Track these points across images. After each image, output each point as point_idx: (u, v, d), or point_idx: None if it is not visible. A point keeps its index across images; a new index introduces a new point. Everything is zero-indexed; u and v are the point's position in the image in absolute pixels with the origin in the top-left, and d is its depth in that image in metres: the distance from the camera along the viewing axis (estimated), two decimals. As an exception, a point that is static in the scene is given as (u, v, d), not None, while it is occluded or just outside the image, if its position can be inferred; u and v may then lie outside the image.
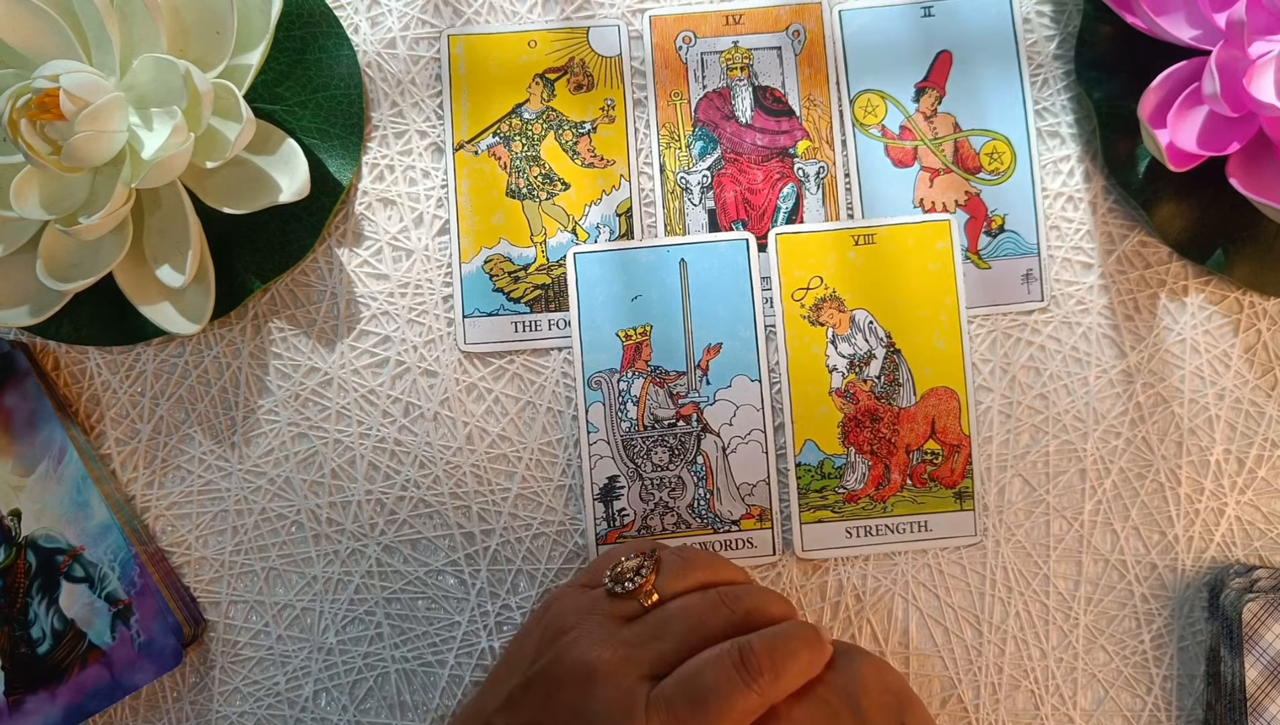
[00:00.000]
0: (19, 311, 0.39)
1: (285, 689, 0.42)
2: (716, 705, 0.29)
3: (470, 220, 0.42)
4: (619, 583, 0.33)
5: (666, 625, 0.31)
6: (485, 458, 0.42)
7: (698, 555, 0.35)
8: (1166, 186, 0.40)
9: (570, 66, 0.43)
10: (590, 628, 0.32)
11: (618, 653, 0.31)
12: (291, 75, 0.41)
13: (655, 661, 0.30)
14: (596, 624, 0.32)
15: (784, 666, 0.30)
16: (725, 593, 0.32)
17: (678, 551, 0.35)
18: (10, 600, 0.41)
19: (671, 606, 0.32)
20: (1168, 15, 0.38)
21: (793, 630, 0.31)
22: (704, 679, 0.29)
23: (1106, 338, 0.42)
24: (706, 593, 0.33)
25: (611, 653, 0.30)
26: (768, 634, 0.31)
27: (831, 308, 0.41)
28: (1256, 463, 0.41)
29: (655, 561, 0.33)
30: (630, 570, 0.33)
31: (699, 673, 0.29)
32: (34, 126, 0.35)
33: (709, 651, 0.30)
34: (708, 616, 0.31)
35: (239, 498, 0.42)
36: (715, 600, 0.32)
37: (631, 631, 0.31)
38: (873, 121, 0.42)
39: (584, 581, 0.36)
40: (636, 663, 0.30)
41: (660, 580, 0.33)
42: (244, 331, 0.43)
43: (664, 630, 0.31)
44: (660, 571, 0.33)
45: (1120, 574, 0.41)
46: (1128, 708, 0.41)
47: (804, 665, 0.30)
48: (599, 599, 0.33)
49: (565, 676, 0.31)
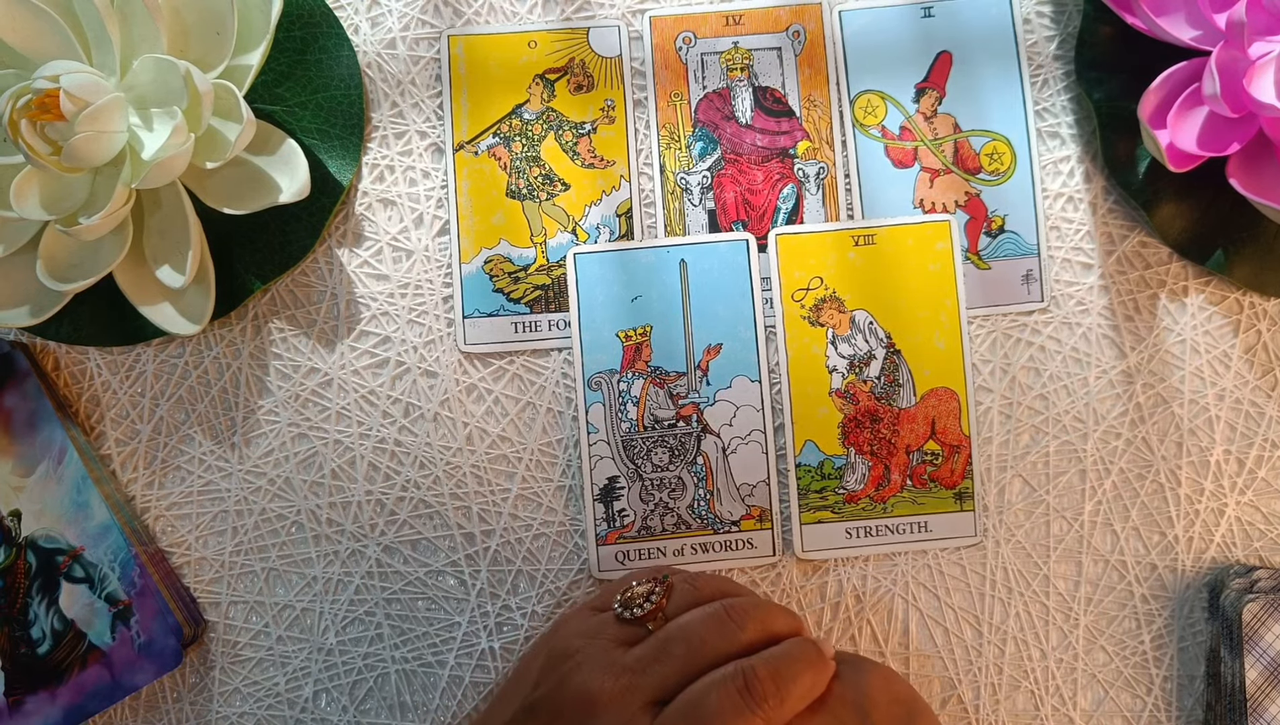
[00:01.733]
0: (19, 312, 0.39)
1: (285, 690, 0.42)
2: None
3: (470, 221, 0.42)
4: (628, 608, 0.32)
5: (668, 647, 0.30)
6: (485, 458, 0.42)
7: (709, 581, 0.34)
8: (1166, 187, 0.40)
9: (570, 67, 0.43)
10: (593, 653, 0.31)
11: (619, 681, 0.30)
12: (292, 76, 0.41)
13: (657, 688, 0.30)
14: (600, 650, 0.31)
15: (788, 690, 0.29)
16: (729, 605, 0.32)
17: (690, 578, 0.34)
18: (10, 600, 0.41)
19: (672, 627, 0.31)
20: (1168, 16, 0.38)
21: (796, 651, 0.31)
22: (707, 706, 0.29)
23: (1106, 338, 0.42)
24: (709, 606, 0.32)
25: (614, 681, 0.30)
26: (771, 656, 0.30)
27: (831, 308, 0.41)
28: (1256, 463, 0.41)
29: (666, 588, 0.33)
30: (641, 596, 0.32)
31: (702, 700, 0.29)
32: (34, 127, 0.35)
33: (711, 676, 0.30)
34: (710, 636, 0.31)
35: (239, 498, 0.42)
36: (719, 617, 0.31)
37: (633, 657, 0.31)
38: (873, 122, 0.42)
39: (595, 604, 0.35)
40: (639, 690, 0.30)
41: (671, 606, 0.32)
42: (244, 332, 0.43)
43: (665, 653, 0.30)
44: (671, 597, 0.32)
45: (1120, 574, 0.41)
46: (1128, 708, 0.41)
47: (808, 687, 0.30)
48: (606, 623, 0.33)
49: (566, 705, 0.30)
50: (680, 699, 0.29)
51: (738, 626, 0.31)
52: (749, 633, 0.31)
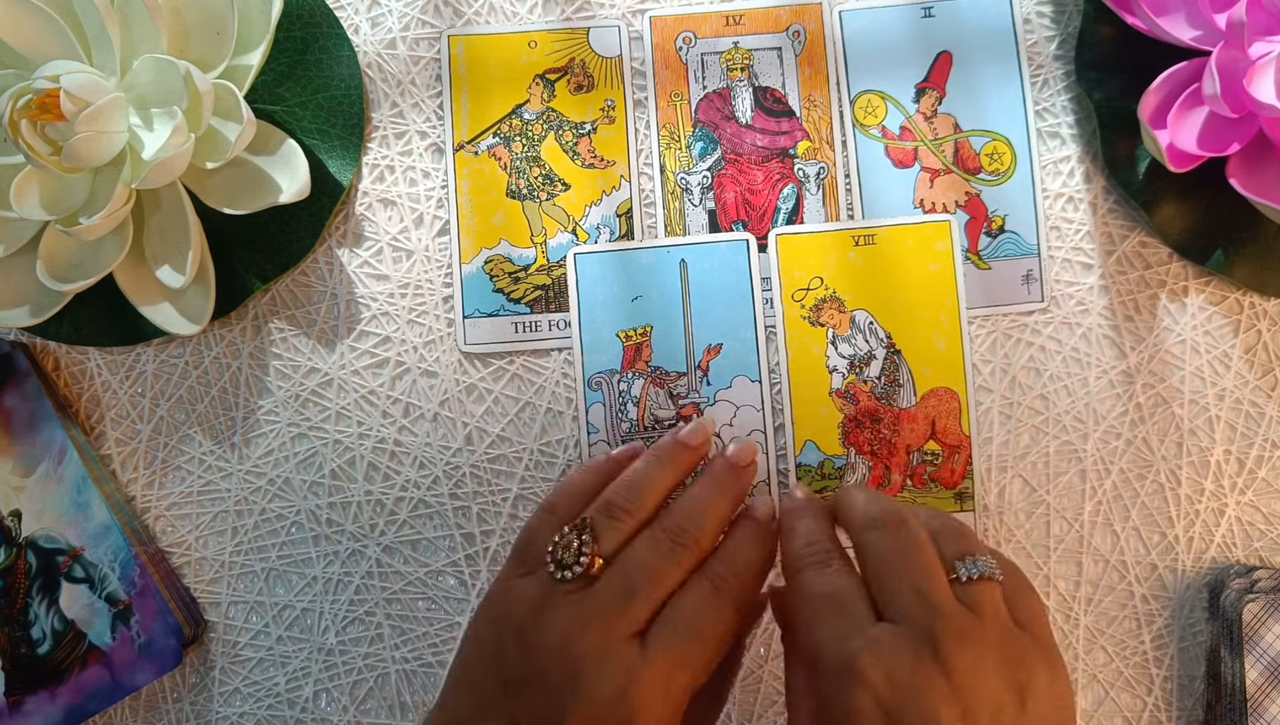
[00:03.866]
0: (19, 312, 0.39)
1: (285, 689, 0.42)
2: (711, 631, 0.31)
3: (470, 221, 0.42)
4: (565, 568, 0.32)
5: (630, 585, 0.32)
6: (485, 458, 0.42)
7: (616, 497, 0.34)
8: (1167, 187, 0.40)
9: (570, 67, 0.43)
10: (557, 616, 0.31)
11: (595, 626, 0.31)
12: (292, 76, 0.41)
13: (633, 622, 0.31)
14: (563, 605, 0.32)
15: (746, 574, 0.33)
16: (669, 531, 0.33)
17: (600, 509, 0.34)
18: (10, 601, 0.41)
19: (627, 564, 0.32)
20: (1168, 16, 0.38)
21: (745, 539, 0.34)
22: (689, 618, 0.31)
23: (1107, 338, 0.42)
24: (653, 536, 0.33)
25: (591, 631, 0.31)
26: (725, 554, 0.33)
27: (832, 308, 0.41)
28: (1256, 463, 0.41)
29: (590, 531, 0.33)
30: (572, 552, 0.32)
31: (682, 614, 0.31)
32: (34, 127, 0.35)
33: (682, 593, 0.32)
34: (665, 565, 0.32)
35: (239, 498, 0.42)
36: (665, 546, 0.33)
37: (599, 602, 0.31)
38: (873, 122, 0.42)
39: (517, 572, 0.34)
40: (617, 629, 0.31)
41: (600, 546, 0.33)
42: (244, 332, 0.43)
43: (631, 591, 0.31)
44: (597, 537, 0.33)
45: (1120, 575, 0.41)
46: (1128, 708, 0.41)
47: (760, 562, 0.34)
48: (547, 584, 0.33)
49: (551, 667, 0.31)
50: (661, 620, 0.31)
51: (685, 548, 0.33)
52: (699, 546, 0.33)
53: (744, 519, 0.35)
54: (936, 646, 0.28)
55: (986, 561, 0.30)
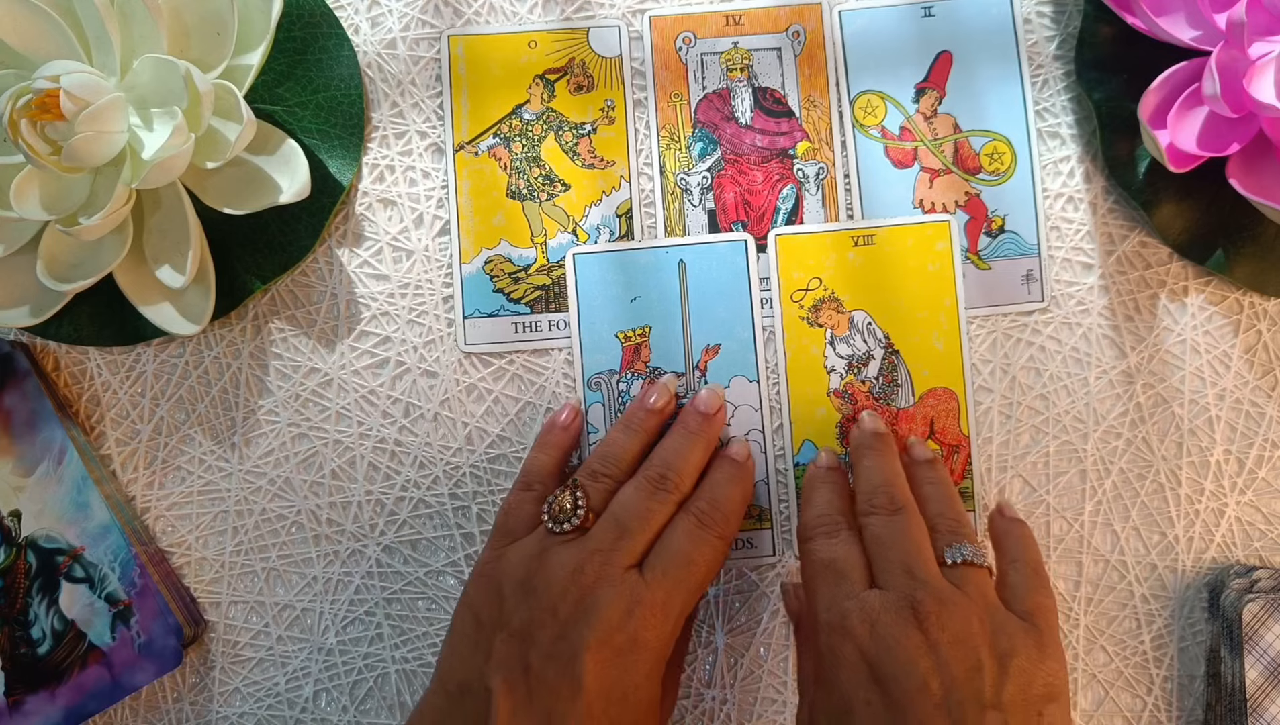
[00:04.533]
0: (19, 312, 0.39)
1: (285, 689, 0.42)
2: (700, 558, 0.35)
3: (470, 221, 0.42)
4: (563, 522, 0.35)
5: (622, 526, 0.35)
6: (485, 458, 0.42)
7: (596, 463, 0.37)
8: (1167, 187, 0.40)
9: (570, 67, 0.43)
10: (560, 558, 0.34)
11: (596, 559, 0.34)
12: (292, 76, 0.41)
13: (629, 554, 0.34)
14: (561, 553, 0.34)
15: (729, 509, 0.36)
16: (651, 478, 0.36)
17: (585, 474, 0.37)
18: (10, 601, 0.41)
19: (617, 509, 0.36)
20: (1168, 16, 0.38)
21: (723, 478, 0.37)
22: (679, 548, 0.35)
23: (1107, 338, 0.42)
24: (637, 484, 0.36)
25: (593, 563, 0.34)
26: (706, 492, 0.37)
27: (830, 309, 0.41)
28: (1256, 463, 0.41)
29: (583, 492, 0.36)
30: (568, 509, 0.36)
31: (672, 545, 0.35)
32: (34, 127, 0.35)
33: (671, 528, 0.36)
34: (654, 506, 0.36)
35: (239, 498, 0.42)
36: (649, 489, 0.36)
37: (597, 542, 0.34)
38: (872, 122, 0.42)
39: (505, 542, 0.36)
40: (616, 559, 0.34)
41: (590, 502, 0.36)
42: (244, 332, 0.43)
43: (624, 530, 0.35)
44: (587, 496, 0.36)
45: (1120, 574, 0.41)
46: (1128, 708, 0.41)
47: (740, 499, 0.37)
48: (543, 538, 0.35)
49: (559, 603, 0.33)
50: (655, 552, 0.35)
51: (668, 490, 0.36)
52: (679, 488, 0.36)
53: (720, 459, 0.39)
54: (917, 607, 0.31)
55: (974, 549, 0.34)
